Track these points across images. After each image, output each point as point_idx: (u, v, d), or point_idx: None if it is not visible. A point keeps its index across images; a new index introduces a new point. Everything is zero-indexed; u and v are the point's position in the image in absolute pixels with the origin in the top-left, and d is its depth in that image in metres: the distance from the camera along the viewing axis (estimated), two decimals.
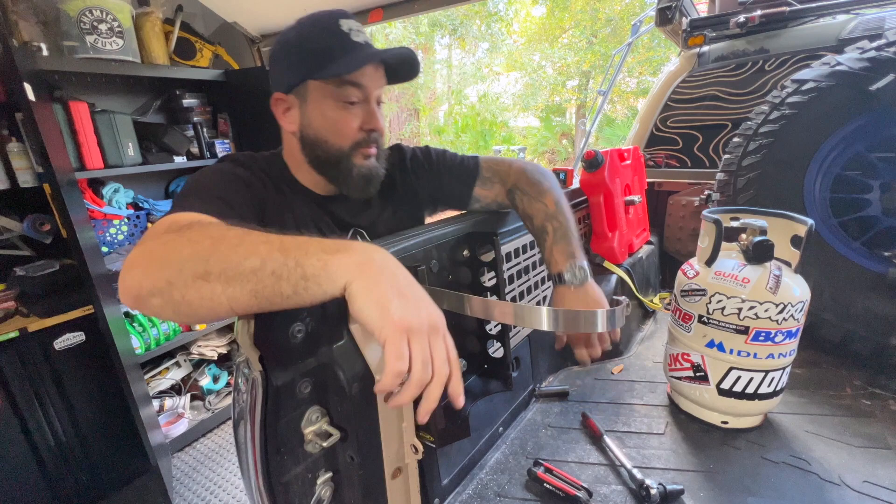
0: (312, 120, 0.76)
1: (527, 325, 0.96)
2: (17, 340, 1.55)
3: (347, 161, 0.78)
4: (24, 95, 1.31)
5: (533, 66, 10.28)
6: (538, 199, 0.87)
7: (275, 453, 0.51)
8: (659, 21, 1.64)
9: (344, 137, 0.77)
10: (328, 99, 0.74)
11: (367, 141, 0.79)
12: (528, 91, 10.31)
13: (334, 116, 0.75)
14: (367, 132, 0.78)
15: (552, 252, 0.83)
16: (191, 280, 0.44)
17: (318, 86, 0.74)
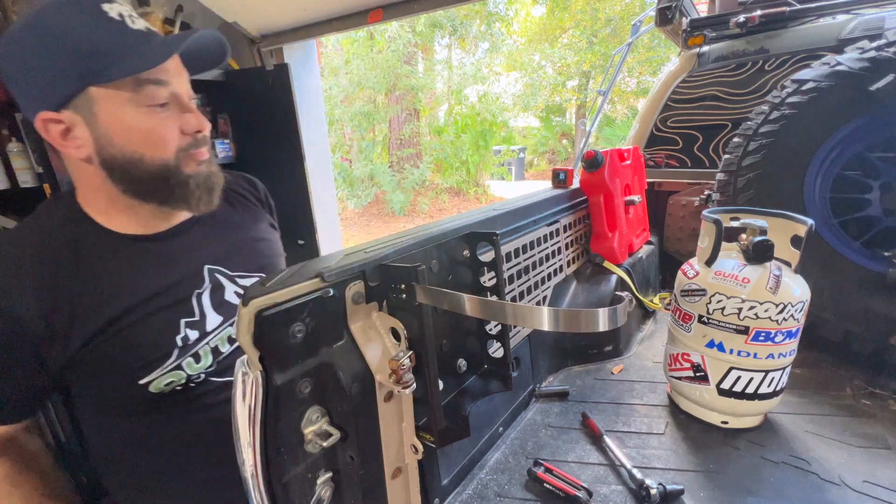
0: (113, 137, 0.59)
1: (527, 325, 0.96)
2: None
3: (177, 173, 0.64)
4: None
5: (533, 66, 10.30)
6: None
7: (275, 453, 0.51)
8: (659, 21, 1.65)
9: (164, 147, 0.62)
10: (127, 107, 0.58)
11: (195, 145, 0.65)
12: (528, 91, 10.32)
13: (144, 126, 0.59)
14: (192, 136, 0.65)
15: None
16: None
17: (106, 93, 0.57)
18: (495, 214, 0.97)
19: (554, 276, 1.20)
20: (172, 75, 0.62)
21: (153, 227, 0.69)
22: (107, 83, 0.56)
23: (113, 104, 0.58)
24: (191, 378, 0.70)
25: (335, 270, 0.56)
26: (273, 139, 2.30)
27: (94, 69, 0.55)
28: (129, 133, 0.59)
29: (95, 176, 0.62)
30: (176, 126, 0.63)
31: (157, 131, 0.61)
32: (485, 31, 10.18)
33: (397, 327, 0.61)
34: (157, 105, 0.60)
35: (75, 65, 0.55)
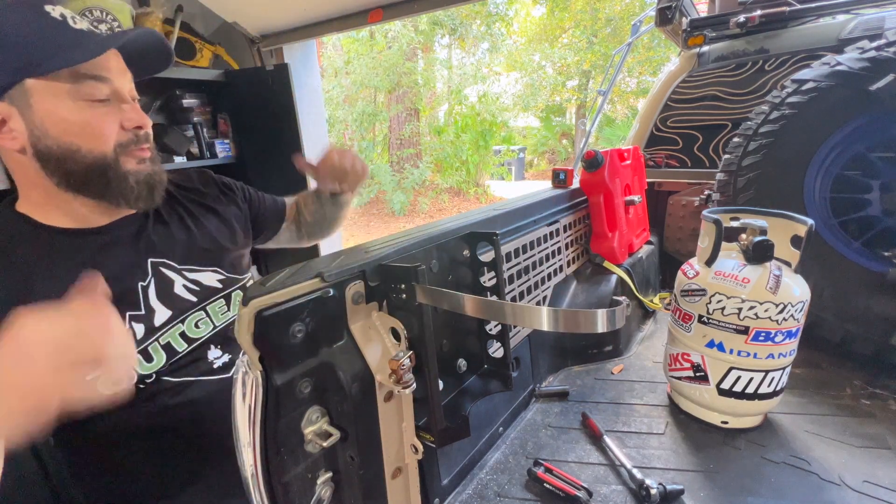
0: (49, 128, 0.59)
1: (527, 325, 0.96)
2: None
3: (116, 168, 0.64)
4: None
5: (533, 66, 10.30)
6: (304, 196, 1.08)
7: (275, 453, 0.51)
8: (659, 21, 1.64)
9: (102, 140, 0.62)
10: (64, 99, 0.59)
11: (136, 142, 0.66)
12: (528, 91, 10.33)
13: (81, 118, 0.60)
14: (132, 131, 0.65)
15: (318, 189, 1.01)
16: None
17: (43, 85, 0.58)
18: (495, 214, 0.97)
19: (554, 276, 1.20)
20: (114, 73, 0.63)
21: (92, 223, 0.68)
22: (43, 75, 0.58)
23: (49, 96, 0.59)
24: (142, 378, 0.68)
25: (335, 270, 0.57)
26: (273, 139, 2.30)
27: (31, 62, 0.57)
28: (65, 124, 0.60)
29: (30, 168, 0.62)
30: (115, 121, 0.63)
31: (95, 123, 0.61)
32: (485, 32, 10.18)
33: (397, 327, 0.61)
34: (97, 100, 0.61)
35: (11, 58, 0.57)
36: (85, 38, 0.60)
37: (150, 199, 0.69)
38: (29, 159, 0.61)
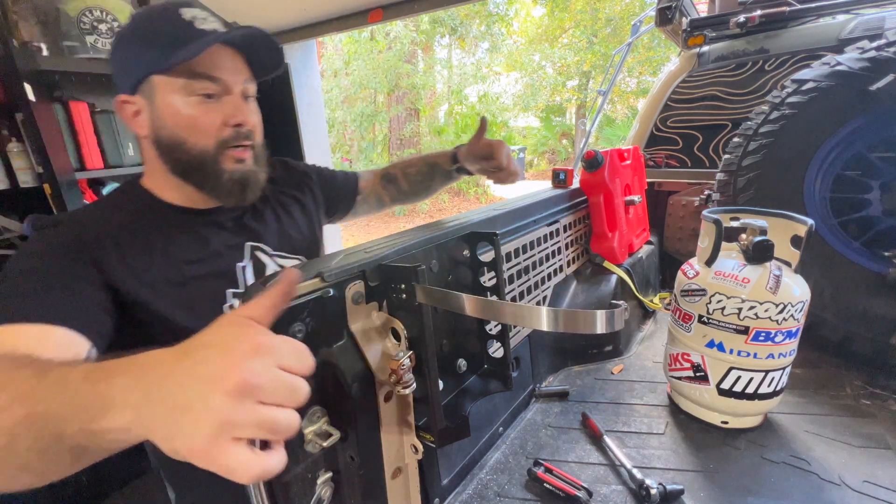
0: (165, 120, 0.66)
1: (527, 325, 0.96)
2: None
3: (214, 164, 0.69)
4: (24, 95, 1.31)
5: (533, 66, 10.30)
6: (408, 160, 1.10)
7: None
8: (659, 21, 1.64)
9: (204, 135, 0.67)
10: (178, 94, 0.65)
11: (236, 139, 0.69)
12: (528, 91, 10.32)
13: (189, 112, 0.66)
14: (233, 128, 0.69)
15: (436, 160, 1.06)
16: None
17: (164, 80, 0.64)
18: (495, 214, 0.97)
19: (554, 276, 1.20)
20: (227, 72, 0.67)
21: (200, 205, 0.75)
22: (165, 72, 0.64)
23: (167, 91, 0.65)
24: None
25: (335, 270, 0.57)
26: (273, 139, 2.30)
27: (156, 60, 0.63)
28: (177, 118, 0.66)
29: (151, 153, 0.70)
30: (220, 117, 0.68)
31: (200, 119, 0.66)
32: (485, 32, 10.18)
33: (397, 327, 0.61)
34: (205, 95, 0.66)
35: (144, 55, 0.64)
36: (201, 38, 0.64)
37: (242, 198, 0.73)
38: (151, 146, 0.69)
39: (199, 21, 0.65)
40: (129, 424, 0.31)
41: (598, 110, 2.52)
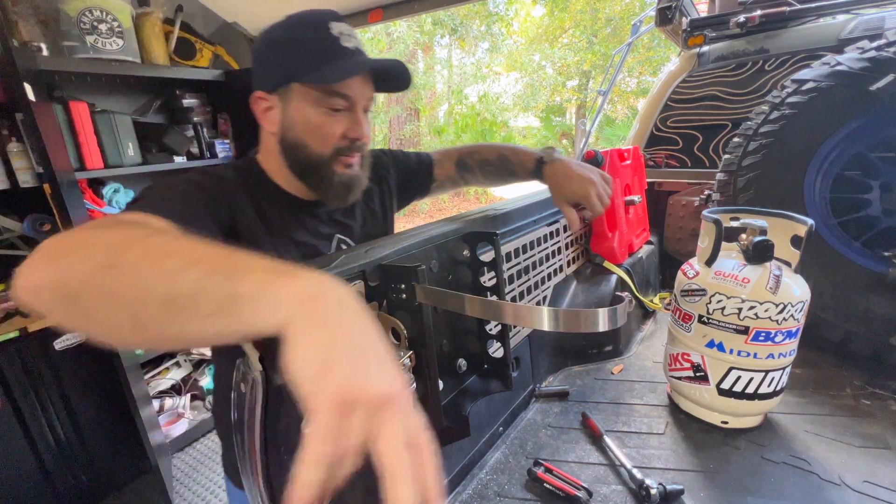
0: (294, 123, 0.73)
1: (527, 325, 0.96)
2: (17, 340, 1.56)
3: (327, 168, 0.76)
4: (24, 95, 1.31)
5: (533, 66, 10.29)
6: (485, 149, 1.07)
7: (275, 453, 0.51)
8: (659, 21, 1.65)
9: (325, 144, 0.74)
10: (312, 104, 0.72)
11: (350, 149, 0.77)
12: (528, 91, 10.31)
13: (317, 122, 0.73)
14: (350, 140, 0.76)
15: (521, 161, 1.03)
16: (94, 271, 0.35)
17: (302, 89, 0.71)
18: (495, 214, 0.97)
19: (554, 276, 1.20)
20: (356, 91, 0.74)
21: (304, 195, 0.82)
22: (304, 83, 0.70)
23: (303, 99, 0.72)
24: None
25: (335, 270, 0.57)
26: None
27: (301, 70, 0.70)
28: (305, 124, 0.73)
29: (275, 147, 0.77)
30: (341, 129, 0.75)
31: (325, 129, 0.74)
32: (485, 32, 10.17)
33: (397, 327, 0.61)
34: (334, 110, 0.73)
35: (291, 63, 0.70)
36: (347, 57, 0.71)
37: (345, 199, 0.81)
38: (276, 142, 0.76)
39: (345, 38, 0.71)
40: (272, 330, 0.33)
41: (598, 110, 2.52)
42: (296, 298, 0.32)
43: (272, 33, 0.73)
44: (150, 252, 0.36)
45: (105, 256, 0.36)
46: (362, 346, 0.32)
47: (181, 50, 2.10)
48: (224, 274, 0.33)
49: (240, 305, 0.32)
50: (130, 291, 0.34)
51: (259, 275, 0.33)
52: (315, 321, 0.32)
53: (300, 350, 0.31)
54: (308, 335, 0.31)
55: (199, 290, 0.33)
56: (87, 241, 0.38)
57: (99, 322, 0.36)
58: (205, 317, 0.33)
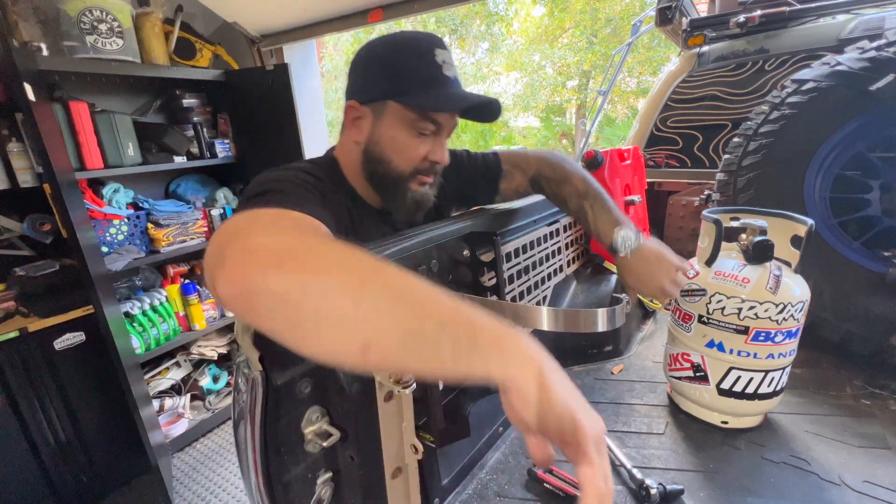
0: (382, 138, 0.76)
1: (527, 325, 0.95)
2: (17, 340, 1.56)
3: (404, 184, 0.79)
4: (24, 95, 1.31)
5: (533, 66, 10.28)
6: (566, 182, 0.95)
7: (275, 453, 0.51)
8: (659, 21, 1.65)
9: (408, 162, 0.77)
10: (403, 125, 0.74)
11: (429, 170, 0.79)
12: (528, 91, 10.31)
13: (405, 142, 0.75)
14: (431, 162, 0.78)
15: (597, 226, 0.92)
16: (336, 295, 0.36)
17: (397, 108, 0.73)
18: (495, 214, 0.97)
19: (554, 276, 1.20)
20: (447, 119, 0.77)
21: (373, 202, 0.85)
22: (402, 103, 0.72)
23: (396, 118, 0.74)
24: None
25: None
26: (273, 139, 2.30)
27: (401, 91, 0.72)
28: (393, 142, 0.75)
29: (357, 155, 0.79)
30: (424, 151, 0.77)
31: (411, 149, 0.76)
32: (485, 31, 10.17)
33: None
34: (422, 133, 0.75)
35: (392, 82, 0.72)
36: (447, 86, 0.73)
37: (415, 216, 0.84)
38: (359, 151, 0.78)
39: (447, 67, 0.73)
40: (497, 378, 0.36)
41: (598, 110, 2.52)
42: (527, 356, 0.37)
43: (377, 49, 0.74)
44: (391, 287, 0.38)
45: (350, 284, 0.37)
46: (578, 395, 0.38)
47: (181, 50, 2.10)
48: (466, 318, 0.37)
49: (476, 355, 0.36)
50: (373, 322, 0.36)
51: (491, 326, 0.37)
52: (550, 374, 0.37)
53: (557, 394, 0.36)
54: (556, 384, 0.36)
55: (441, 331, 0.36)
56: (310, 254, 0.39)
57: (328, 337, 0.37)
58: (438, 359, 0.36)
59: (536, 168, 0.99)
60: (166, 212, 2.12)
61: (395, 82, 0.72)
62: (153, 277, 2.22)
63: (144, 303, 2.03)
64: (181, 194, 2.35)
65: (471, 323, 0.37)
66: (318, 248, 0.41)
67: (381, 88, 0.73)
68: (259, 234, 0.42)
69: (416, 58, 0.72)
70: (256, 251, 0.40)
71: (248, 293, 0.38)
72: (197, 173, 2.46)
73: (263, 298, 0.37)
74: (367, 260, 0.40)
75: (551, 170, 0.97)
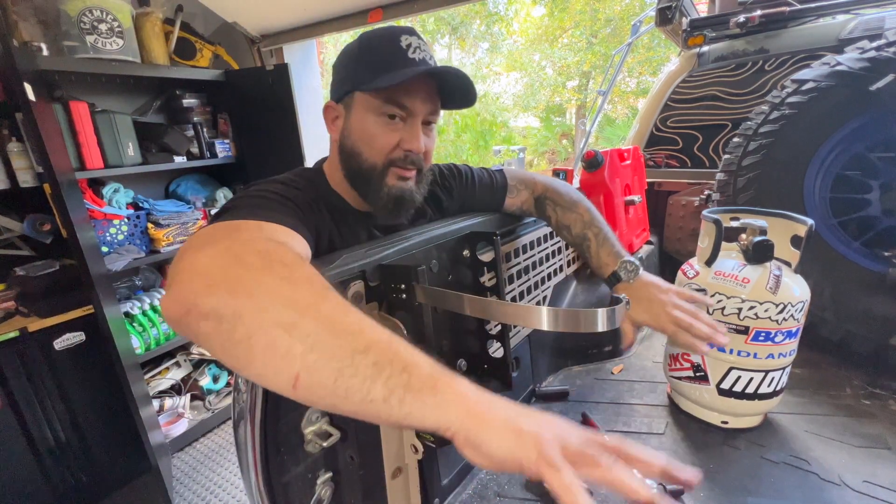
0: (352, 131, 0.74)
1: (527, 325, 0.96)
2: (17, 340, 1.56)
3: (379, 179, 0.75)
4: (24, 95, 1.31)
5: (533, 66, 10.29)
6: (572, 209, 0.96)
7: (275, 453, 0.51)
8: (659, 21, 1.64)
9: (378, 152, 0.73)
10: (370, 112, 0.72)
11: (404, 161, 0.74)
12: (528, 91, 10.31)
13: (372, 130, 0.72)
14: (405, 151, 0.74)
15: (599, 256, 0.92)
16: (269, 324, 0.37)
17: (363, 97, 0.72)
18: (495, 214, 0.97)
19: (554, 276, 1.20)
20: (417, 101, 0.72)
21: (358, 206, 0.82)
22: (366, 91, 0.70)
23: (363, 107, 0.72)
24: None
25: (335, 270, 0.57)
26: (273, 139, 2.30)
27: (364, 79, 0.70)
28: (361, 132, 0.73)
29: (336, 154, 0.78)
30: (396, 139, 0.73)
31: (380, 138, 0.73)
32: (485, 31, 10.17)
33: (397, 327, 0.61)
34: (389, 116, 0.72)
35: (356, 72, 0.71)
36: (410, 66, 0.70)
37: (395, 213, 0.78)
38: (336, 149, 0.78)
39: (412, 49, 0.71)
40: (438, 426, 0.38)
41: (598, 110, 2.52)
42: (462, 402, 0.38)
43: (349, 47, 0.74)
44: (327, 321, 0.38)
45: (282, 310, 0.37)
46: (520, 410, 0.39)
47: (181, 50, 2.10)
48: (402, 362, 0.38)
49: (409, 398, 0.37)
50: (305, 355, 0.36)
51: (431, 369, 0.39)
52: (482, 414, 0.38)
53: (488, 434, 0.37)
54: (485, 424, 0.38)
55: (375, 373, 0.36)
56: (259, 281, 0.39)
57: (259, 365, 0.37)
58: (368, 400, 0.36)
59: (544, 190, 1.00)
60: (166, 212, 2.12)
61: (359, 72, 0.71)
62: (153, 277, 2.22)
63: (144, 303, 2.03)
64: (181, 194, 2.35)
65: (406, 364, 0.37)
66: (260, 273, 0.40)
67: (347, 81, 0.72)
68: (206, 253, 0.42)
69: (379, 44, 0.71)
70: (199, 272, 0.40)
71: (187, 314, 0.38)
72: (197, 173, 2.46)
73: (200, 322, 0.38)
74: (309, 288, 0.40)
75: (558, 195, 0.98)
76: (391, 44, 0.70)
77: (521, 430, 0.37)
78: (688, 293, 0.86)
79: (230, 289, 0.38)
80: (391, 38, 0.71)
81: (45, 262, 1.81)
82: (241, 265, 0.40)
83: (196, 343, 0.40)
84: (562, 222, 0.97)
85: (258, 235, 0.48)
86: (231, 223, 0.50)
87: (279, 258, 0.42)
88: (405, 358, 0.38)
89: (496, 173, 1.00)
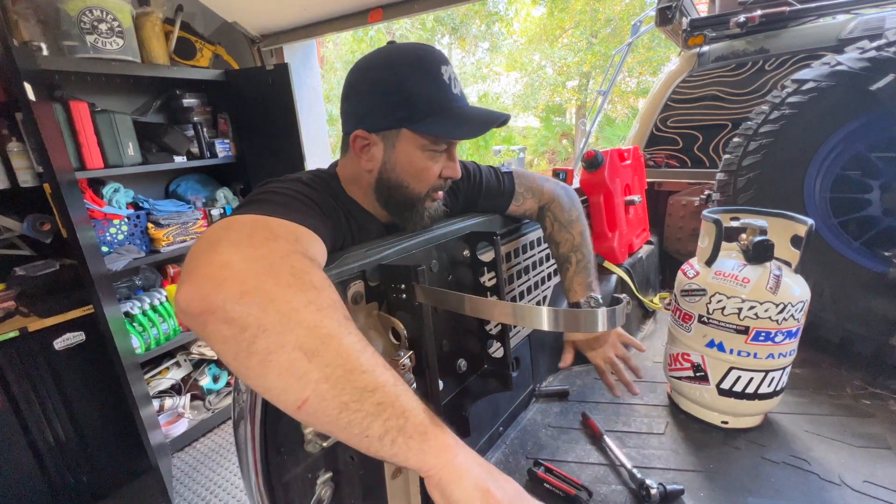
0: (397, 164, 0.74)
1: (527, 325, 0.96)
2: (17, 340, 1.56)
3: (421, 204, 0.78)
4: (24, 95, 1.31)
5: (533, 66, 10.28)
6: (567, 228, 1.00)
7: (275, 453, 0.51)
8: (659, 21, 1.65)
9: (424, 183, 0.76)
10: (418, 148, 0.73)
11: (443, 186, 0.79)
12: (528, 91, 10.31)
13: (421, 165, 0.74)
14: (444, 179, 0.78)
15: (572, 282, 0.97)
16: (291, 346, 0.38)
17: (411, 136, 0.72)
18: (495, 214, 0.97)
19: (554, 276, 1.20)
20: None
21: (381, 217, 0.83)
22: (416, 132, 0.71)
23: (411, 144, 0.73)
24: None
25: (335, 270, 0.57)
26: (273, 139, 2.30)
27: (415, 117, 0.70)
28: (409, 167, 0.74)
29: (368, 182, 0.77)
30: (438, 169, 0.76)
31: (426, 171, 0.75)
32: (485, 31, 10.16)
33: (397, 327, 0.61)
34: (435, 153, 0.75)
35: (403, 109, 0.70)
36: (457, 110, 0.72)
37: (425, 227, 0.82)
38: (371, 178, 0.76)
39: (453, 84, 0.73)
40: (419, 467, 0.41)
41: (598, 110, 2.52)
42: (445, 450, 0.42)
43: (378, 72, 0.71)
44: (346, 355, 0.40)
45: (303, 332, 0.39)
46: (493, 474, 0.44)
47: (181, 50, 2.10)
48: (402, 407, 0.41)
49: (401, 440, 0.40)
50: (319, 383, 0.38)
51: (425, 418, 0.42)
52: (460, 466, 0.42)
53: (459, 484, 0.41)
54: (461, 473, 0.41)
55: (377, 411, 0.39)
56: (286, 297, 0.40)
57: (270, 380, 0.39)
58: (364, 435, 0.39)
59: (549, 201, 1.02)
60: (166, 211, 2.12)
61: (406, 109, 0.70)
62: (153, 277, 2.22)
63: (144, 302, 2.03)
64: (181, 194, 2.34)
65: (404, 409, 0.41)
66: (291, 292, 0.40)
67: (394, 117, 0.71)
68: (242, 255, 0.42)
69: (423, 79, 0.70)
70: (233, 276, 0.40)
71: (210, 314, 0.38)
72: (197, 173, 2.46)
73: (221, 325, 0.38)
74: (333, 316, 0.42)
75: (561, 210, 1.01)
76: (434, 82, 0.70)
77: (488, 492, 0.41)
78: (629, 338, 0.98)
79: (261, 303, 0.39)
80: (431, 74, 0.70)
81: (45, 262, 1.81)
82: (275, 280, 0.41)
83: (205, 341, 0.40)
84: (554, 237, 1.01)
85: (294, 249, 0.47)
86: (265, 221, 0.50)
87: (310, 280, 0.43)
88: (404, 403, 0.41)
89: (505, 177, 0.99)
